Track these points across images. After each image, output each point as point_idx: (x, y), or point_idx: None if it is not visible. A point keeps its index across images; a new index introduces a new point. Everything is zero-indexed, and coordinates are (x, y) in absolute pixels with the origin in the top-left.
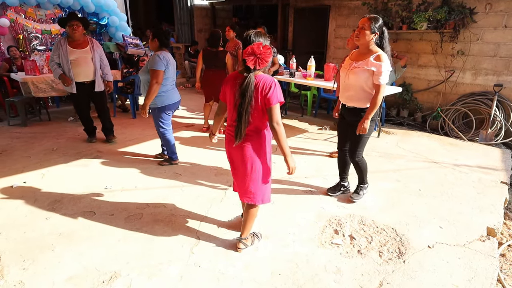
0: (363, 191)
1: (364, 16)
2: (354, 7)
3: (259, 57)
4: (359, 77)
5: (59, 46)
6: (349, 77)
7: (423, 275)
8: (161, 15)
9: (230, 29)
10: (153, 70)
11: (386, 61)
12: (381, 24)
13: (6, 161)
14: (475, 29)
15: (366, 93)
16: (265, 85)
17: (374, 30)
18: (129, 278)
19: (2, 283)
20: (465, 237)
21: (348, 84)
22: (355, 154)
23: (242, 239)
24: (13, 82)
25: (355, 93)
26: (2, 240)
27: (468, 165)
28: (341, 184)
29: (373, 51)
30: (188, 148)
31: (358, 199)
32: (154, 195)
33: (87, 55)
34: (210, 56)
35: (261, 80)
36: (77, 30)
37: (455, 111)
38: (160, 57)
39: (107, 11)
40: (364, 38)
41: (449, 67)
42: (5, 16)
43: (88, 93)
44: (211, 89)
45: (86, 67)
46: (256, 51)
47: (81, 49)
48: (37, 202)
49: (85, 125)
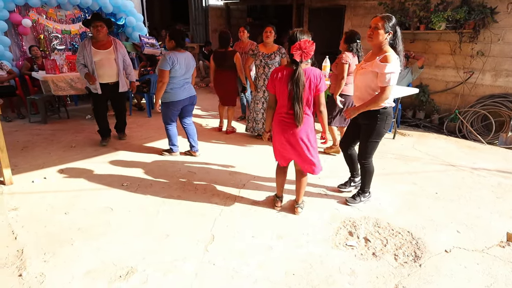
0: (361, 198)
1: (376, 15)
2: (370, 7)
3: (305, 51)
4: (365, 79)
5: (84, 47)
6: (357, 78)
7: (439, 280)
8: (176, 15)
9: (245, 29)
10: (159, 70)
11: (394, 62)
12: (394, 23)
13: (27, 157)
14: (496, 29)
15: (372, 95)
16: (315, 76)
17: (388, 30)
18: (145, 273)
19: (25, 274)
20: (483, 242)
21: (356, 85)
22: (363, 156)
23: (299, 204)
24: (34, 80)
25: (361, 94)
26: (24, 233)
27: (487, 169)
28: (352, 179)
29: (383, 51)
30: (202, 147)
31: (352, 204)
32: (169, 193)
33: (110, 56)
34: (219, 57)
35: (311, 72)
36: (101, 31)
37: (474, 113)
38: (167, 57)
39: (124, 11)
40: (377, 38)
41: (468, 68)
42: (28, 16)
43: (110, 93)
44: (220, 89)
45: (110, 68)
46: (302, 46)
47: (104, 50)
48: (56, 197)
49: (100, 126)
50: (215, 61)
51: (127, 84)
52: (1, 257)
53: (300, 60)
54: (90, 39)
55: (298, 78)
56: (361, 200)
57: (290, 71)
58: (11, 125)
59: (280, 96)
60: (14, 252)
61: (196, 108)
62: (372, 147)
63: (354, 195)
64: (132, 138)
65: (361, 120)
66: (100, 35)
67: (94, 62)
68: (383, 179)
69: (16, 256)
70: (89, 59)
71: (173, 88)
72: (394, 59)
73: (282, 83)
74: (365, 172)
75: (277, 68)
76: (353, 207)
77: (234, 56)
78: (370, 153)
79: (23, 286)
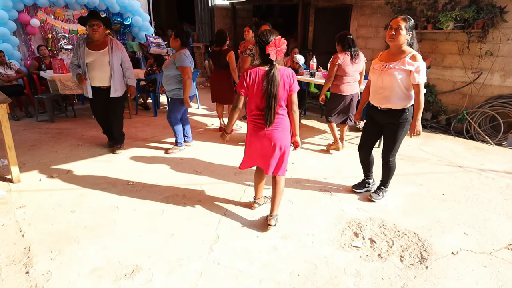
0: (383, 193)
1: (395, 16)
2: (377, 6)
3: (279, 49)
4: (395, 78)
5: (78, 47)
6: (384, 78)
7: (446, 282)
8: (182, 15)
9: (250, 29)
10: (182, 68)
11: (422, 60)
12: (413, 24)
13: (35, 155)
14: (505, 29)
15: (403, 93)
16: (289, 76)
17: (409, 30)
18: (150, 272)
19: (32, 272)
20: (491, 245)
21: (383, 86)
22: (389, 155)
23: (273, 216)
24: (41, 79)
25: (391, 94)
26: (32, 231)
27: (495, 170)
28: (366, 181)
29: (406, 51)
30: (207, 147)
31: (377, 199)
32: (174, 192)
33: (103, 58)
34: (215, 56)
35: (284, 72)
36: (97, 31)
37: (482, 114)
38: (186, 55)
39: (131, 11)
40: (400, 39)
41: (476, 68)
42: (36, 16)
43: (105, 98)
44: (215, 88)
45: (101, 71)
46: (277, 45)
47: (98, 51)
48: (63, 195)
49: (103, 129)
50: (211, 60)
51: (122, 89)
52: (8, 254)
53: (275, 58)
54: (85, 39)
55: (273, 78)
56: (384, 195)
57: (264, 71)
58: (19, 123)
59: (252, 97)
60: (22, 250)
61: (202, 107)
62: (398, 145)
63: (377, 191)
64: (137, 137)
65: (385, 120)
66: (96, 35)
67: (86, 63)
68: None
69: (23, 253)
70: (82, 60)
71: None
72: (421, 58)
73: (256, 83)
74: (390, 170)
75: (249, 68)
76: (359, 208)
77: (227, 54)
78: (395, 151)
79: (30, 283)
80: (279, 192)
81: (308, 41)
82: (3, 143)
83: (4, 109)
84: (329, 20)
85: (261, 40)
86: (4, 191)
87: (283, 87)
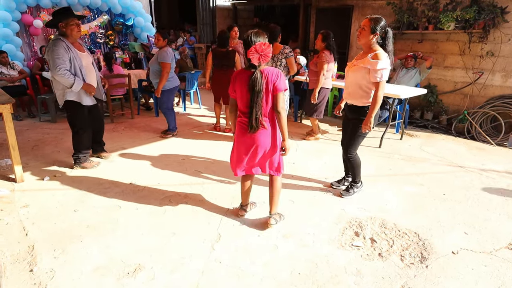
0: (354, 189)
1: (366, 16)
2: (378, 6)
3: (262, 54)
4: (356, 75)
5: (66, 50)
6: (348, 75)
7: (446, 281)
8: (184, 16)
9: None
10: (163, 63)
11: (384, 59)
12: (383, 25)
13: (38, 155)
14: (507, 29)
15: (362, 91)
16: (273, 75)
17: (374, 31)
18: (152, 270)
19: (36, 270)
20: (491, 245)
21: (347, 82)
22: (348, 150)
23: (272, 215)
24: (44, 80)
25: (352, 91)
26: (35, 230)
27: (496, 171)
28: (346, 178)
29: (372, 50)
30: (208, 146)
31: (346, 196)
32: (176, 191)
33: (89, 59)
34: (220, 56)
35: (269, 71)
36: (80, 30)
37: (483, 114)
38: (168, 52)
39: (133, 12)
40: (364, 38)
41: (478, 69)
42: (39, 17)
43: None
44: (221, 89)
45: (92, 74)
46: (258, 50)
47: (84, 53)
48: (66, 195)
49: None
50: (214, 60)
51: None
52: (13, 253)
53: (259, 63)
54: (63, 40)
55: (255, 81)
56: (354, 191)
57: (249, 74)
58: (22, 123)
59: (240, 100)
60: (25, 248)
61: (204, 108)
62: (357, 141)
63: (347, 188)
64: (139, 137)
65: (349, 115)
66: (79, 34)
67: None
68: (390, 179)
69: (27, 252)
70: (78, 63)
71: (173, 76)
72: (384, 57)
73: (242, 87)
74: (353, 166)
75: (238, 71)
76: (360, 208)
77: (235, 55)
78: (354, 147)
79: (34, 281)
80: (275, 191)
81: (310, 42)
82: (7, 143)
83: (8, 109)
84: (330, 20)
85: (245, 44)
86: (7, 191)
87: (267, 87)
